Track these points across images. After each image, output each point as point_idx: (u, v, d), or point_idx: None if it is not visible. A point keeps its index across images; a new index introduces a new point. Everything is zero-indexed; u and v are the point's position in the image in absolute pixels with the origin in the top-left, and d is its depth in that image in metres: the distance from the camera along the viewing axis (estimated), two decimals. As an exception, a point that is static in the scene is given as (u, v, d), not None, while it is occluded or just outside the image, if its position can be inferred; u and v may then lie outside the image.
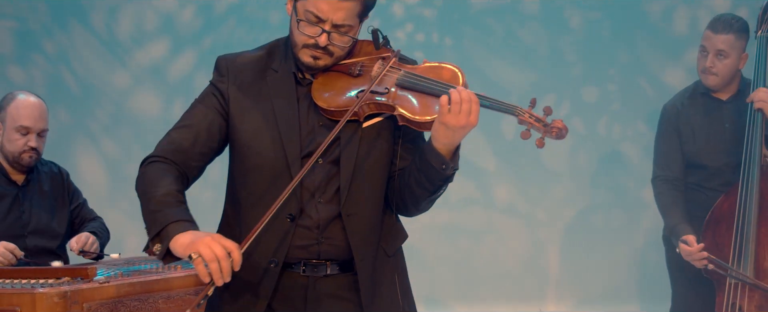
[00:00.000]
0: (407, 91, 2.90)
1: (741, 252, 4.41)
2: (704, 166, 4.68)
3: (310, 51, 2.89)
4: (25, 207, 4.53)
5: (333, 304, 2.99)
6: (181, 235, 2.77)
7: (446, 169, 2.84)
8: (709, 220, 4.54)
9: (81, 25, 6.78)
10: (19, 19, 6.72)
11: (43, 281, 3.72)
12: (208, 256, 2.68)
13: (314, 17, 2.84)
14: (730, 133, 4.64)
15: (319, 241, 2.94)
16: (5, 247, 4.25)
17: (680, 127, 4.71)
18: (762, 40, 4.56)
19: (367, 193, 2.95)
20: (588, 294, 6.86)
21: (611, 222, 6.79)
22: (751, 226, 4.38)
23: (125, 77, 6.80)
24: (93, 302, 3.66)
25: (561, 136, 2.84)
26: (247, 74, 2.98)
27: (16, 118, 4.45)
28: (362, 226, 2.95)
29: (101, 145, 6.76)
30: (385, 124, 2.95)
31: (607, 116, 6.73)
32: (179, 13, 6.80)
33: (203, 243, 2.70)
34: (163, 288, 3.91)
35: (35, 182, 4.59)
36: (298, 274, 2.97)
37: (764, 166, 4.46)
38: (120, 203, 6.25)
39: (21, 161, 4.48)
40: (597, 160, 6.80)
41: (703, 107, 4.73)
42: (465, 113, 2.75)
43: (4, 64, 6.68)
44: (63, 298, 3.57)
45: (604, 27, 6.75)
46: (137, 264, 4.26)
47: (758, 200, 4.41)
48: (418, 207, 3.00)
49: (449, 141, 2.81)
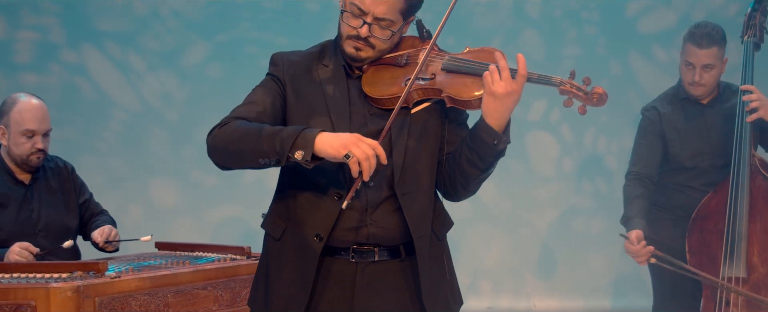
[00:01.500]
0: (452, 74, 2.99)
1: (733, 249, 4.42)
2: (689, 167, 4.69)
3: (352, 42, 3.01)
4: (33, 206, 4.55)
5: (381, 290, 3.06)
6: (320, 136, 2.86)
7: (498, 143, 2.91)
8: (696, 217, 4.57)
9: (95, 48, 6.94)
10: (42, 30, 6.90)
11: (56, 276, 3.80)
12: (362, 155, 2.80)
13: (357, 10, 2.97)
14: (712, 136, 4.66)
15: (368, 224, 3.00)
16: (21, 246, 4.28)
17: (665, 131, 4.72)
18: (748, 44, 4.58)
19: (418, 175, 3.03)
20: (570, 289, 6.99)
21: (591, 226, 6.95)
22: (742, 224, 4.42)
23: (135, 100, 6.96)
24: (105, 296, 3.74)
25: (602, 102, 2.90)
26: (299, 66, 3.09)
27: (20, 122, 4.47)
28: (417, 205, 3.03)
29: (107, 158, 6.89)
30: (433, 110, 3.05)
31: (594, 128, 6.88)
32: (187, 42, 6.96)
33: (352, 143, 2.81)
34: (172, 283, 3.98)
35: (42, 180, 4.61)
36: (346, 260, 3.03)
37: (753, 166, 4.48)
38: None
39: (29, 163, 4.50)
40: (580, 168, 6.97)
41: (685, 111, 4.73)
42: (508, 78, 2.84)
43: (19, 72, 6.83)
44: (76, 292, 3.66)
45: (600, 43, 6.90)
46: (147, 260, 4.31)
47: (748, 199, 4.44)
48: (468, 188, 3.06)
49: (500, 113, 2.88)
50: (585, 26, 6.90)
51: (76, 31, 6.93)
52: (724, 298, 4.40)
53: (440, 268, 3.12)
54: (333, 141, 2.83)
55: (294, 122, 3.01)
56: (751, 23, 4.59)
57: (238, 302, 4.23)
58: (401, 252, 3.06)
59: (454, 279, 3.22)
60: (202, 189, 7.03)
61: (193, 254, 4.51)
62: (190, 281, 4.05)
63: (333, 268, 3.04)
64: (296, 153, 2.84)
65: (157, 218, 6.81)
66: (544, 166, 6.93)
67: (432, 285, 3.08)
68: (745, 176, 4.44)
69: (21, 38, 6.94)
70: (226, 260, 4.35)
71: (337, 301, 3.05)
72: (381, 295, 3.05)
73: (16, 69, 6.77)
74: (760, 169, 4.48)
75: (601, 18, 6.86)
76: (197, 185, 7.01)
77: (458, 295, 3.23)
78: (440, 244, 3.14)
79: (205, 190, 6.99)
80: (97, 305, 3.71)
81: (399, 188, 2.99)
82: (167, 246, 4.68)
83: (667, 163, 4.75)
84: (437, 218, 3.13)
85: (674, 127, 4.70)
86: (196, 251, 4.54)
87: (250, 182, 6.73)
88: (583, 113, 2.92)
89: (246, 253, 4.43)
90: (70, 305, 3.65)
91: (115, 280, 3.79)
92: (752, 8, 4.62)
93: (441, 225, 3.15)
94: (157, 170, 7.04)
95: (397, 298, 3.07)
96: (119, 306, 3.78)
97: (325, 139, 2.84)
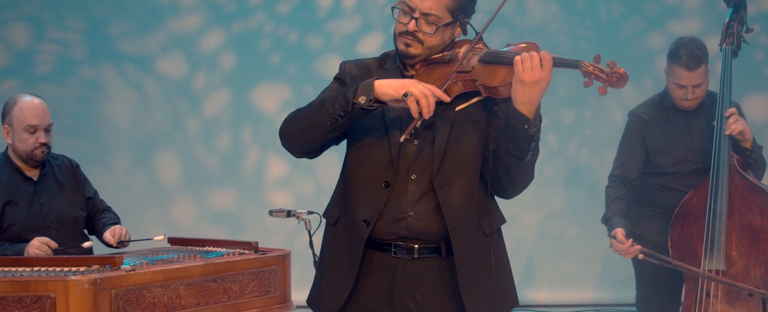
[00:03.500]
0: (488, 65, 3.07)
1: (713, 243, 4.48)
2: (672, 171, 4.73)
3: (403, 38, 3.14)
4: (43, 200, 4.62)
5: (419, 288, 3.12)
6: (380, 81, 3.04)
7: (529, 128, 2.98)
8: (678, 214, 4.62)
9: (112, 66, 7.06)
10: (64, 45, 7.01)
11: (74, 269, 3.87)
12: (419, 93, 2.95)
13: (407, 6, 3.12)
14: (694, 143, 4.70)
15: (408, 215, 3.08)
16: (40, 241, 4.39)
17: (648, 136, 4.75)
18: (726, 52, 4.64)
19: (458, 169, 3.10)
20: (557, 283, 7.12)
21: (567, 231, 7.08)
22: (722, 221, 4.48)
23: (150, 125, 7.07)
24: (120, 288, 3.83)
25: (622, 82, 2.95)
26: (362, 69, 3.24)
27: (22, 119, 4.56)
28: (454, 198, 3.09)
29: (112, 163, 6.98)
30: (478, 109, 3.13)
31: (578, 139, 6.99)
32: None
33: (411, 84, 2.99)
34: (184, 276, 4.06)
35: (50, 175, 4.69)
36: (388, 256, 3.12)
37: (732, 165, 4.54)
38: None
39: (34, 157, 4.59)
40: (564, 177, 7.11)
41: (669, 119, 4.76)
42: (537, 67, 2.93)
43: (38, 83, 6.93)
44: (93, 284, 3.74)
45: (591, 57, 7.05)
46: (160, 254, 4.36)
47: (727, 197, 4.50)
48: (512, 180, 3.12)
49: (528, 99, 2.96)
50: (580, 42, 6.97)
51: (96, 50, 7.04)
52: (705, 290, 4.47)
53: (485, 264, 3.15)
54: (391, 83, 3.02)
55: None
56: (729, 32, 4.65)
57: (246, 294, 4.29)
58: (442, 250, 3.12)
59: (505, 277, 3.24)
60: (216, 208, 7.15)
61: (203, 249, 4.57)
62: (201, 274, 4.13)
63: (376, 260, 3.14)
64: (360, 98, 3.01)
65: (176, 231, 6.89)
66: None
67: (472, 280, 3.11)
68: (724, 175, 4.50)
69: (43, 50, 7.05)
70: (235, 254, 4.40)
71: (377, 295, 3.14)
72: (419, 292, 3.12)
73: (35, 79, 6.87)
74: (738, 168, 4.54)
75: (596, 36, 6.92)
76: (212, 203, 7.13)
77: (510, 295, 3.26)
78: (488, 239, 3.17)
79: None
80: (113, 297, 3.80)
81: (436, 181, 3.08)
82: (179, 241, 4.74)
83: (651, 168, 4.80)
84: (484, 214, 3.18)
85: (657, 136, 4.74)
86: (206, 246, 4.61)
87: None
88: (604, 93, 2.96)
89: (254, 248, 4.50)
90: (87, 297, 3.72)
91: (130, 273, 3.88)
92: (730, 18, 4.68)
93: (488, 221, 3.19)
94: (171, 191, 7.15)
95: (435, 296, 3.13)
96: (134, 298, 3.86)
97: (384, 82, 3.03)
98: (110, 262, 3.92)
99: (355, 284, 3.12)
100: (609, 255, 6.68)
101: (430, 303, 3.11)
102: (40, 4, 7.05)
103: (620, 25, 6.97)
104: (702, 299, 4.48)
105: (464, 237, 3.09)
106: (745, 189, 4.54)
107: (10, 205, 4.56)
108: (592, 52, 3.01)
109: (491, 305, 3.16)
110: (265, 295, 4.41)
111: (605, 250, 6.80)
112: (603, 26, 7.00)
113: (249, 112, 7.03)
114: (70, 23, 7.06)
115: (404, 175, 3.09)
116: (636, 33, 7.00)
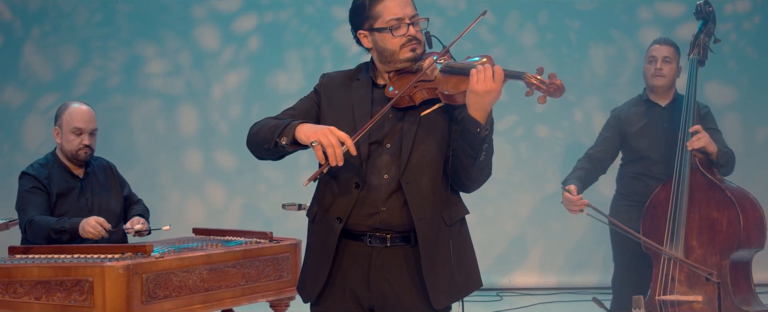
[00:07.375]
0: (449, 75, 3.23)
1: (674, 233, 4.69)
2: (648, 157, 5.00)
3: (409, 46, 3.28)
4: (88, 195, 4.88)
5: (392, 272, 3.27)
6: (303, 125, 3.18)
7: (481, 131, 3.12)
8: (649, 206, 4.86)
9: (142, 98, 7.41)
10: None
11: (110, 256, 4.10)
12: (326, 143, 3.09)
13: (395, 21, 3.26)
14: (668, 132, 4.93)
15: (381, 211, 3.24)
16: (96, 220, 4.59)
17: (625, 124, 5.03)
18: (693, 61, 4.86)
19: (423, 168, 3.24)
20: (535, 267, 7.40)
21: (551, 220, 7.35)
22: (683, 212, 4.70)
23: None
24: (150, 273, 4.04)
25: (559, 93, 3.06)
26: (337, 80, 3.41)
27: (70, 121, 4.82)
28: (419, 192, 3.23)
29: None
30: (441, 114, 3.27)
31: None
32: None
33: (322, 133, 3.11)
34: (207, 262, 4.28)
35: (93, 174, 4.94)
36: (364, 245, 3.28)
37: (693, 164, 4.75)
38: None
39: (78, 157, 4.84)
40: (554, 166, 7.39)
41: (647, 110, 5.06)
42: (489, 79, 3.06)
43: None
44: (126, 270, 3.96)
45: (585, 67, 7.32)
46: (186, 243, 4.56)
47: (688, 191, 4.72)
48: (470, 176, 3.25)
49: (480, 106, 3.11)
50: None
51: (130, 83, 7.40)
52: (671, 275, 4.66)
53: (445, 252, 3.30)
54: (307, 130, 3.16)
55: (325, 123, 3.26)
56: (697, 42, 4.89)
57: (262, 278, 4.53)
58: (411, 239, 3.27)
59: (465, 262, 3.36)
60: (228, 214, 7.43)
61: (224, 238, 4.78)
62: (222, 261, 4.33)
63: (353, 249, 3.30)
64: (282, 139, 3.18)
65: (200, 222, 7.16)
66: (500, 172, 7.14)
67: (434, 265, 3.26)
68: (686, 172, 4.72)
69: (84, 73, 7.45)
70: (252, 243, 4.62)
71: (356, 279, 3.30)
72: (392, 275, 3.29)
73: (71, 99, 6.96)
74: (699, 166, 4.75)
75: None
76: (224, 210, 7.39)
77: (470, 277, 3.38)
78: (449, 229, 3.31)
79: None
80: (144, 281, 4.01)
81: (404, 178, 3.23)
82: (203, 231, 4.99)
83: (628, 155, 5.09)
84: (448, 207, 3.32)
85: (634, 122, 5.03)
86: (226, 236, 4.82)
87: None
88: (543, 102, 3.08)
89: (268, 237, 4.72)
90: (121, 281, 3.93)
91: (159, 259, 4.09)
92: (699, 30, 4.91)
93: (449, 212, 3.32)
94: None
95: (404, 280, 3.29)
96: (162, 281, 4.08)
97: (303, 128, 3.18)
98: (142, 250, 4.15)
99: (331, 270, 3.29)
100: (586, 241, 7.03)
101: (400, 285, 3.28)
102: (92, 32, 7.41)
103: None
104: (667, 282, 4.66)
105: (428, 227, 3.24)
106: (704, 185, 4.76)
107: (61, 197, 4.83)
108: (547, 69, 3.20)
109: (451, 287, 3.31)
110: (279, 279, 4.65)
111: (575, 238, 7.19)
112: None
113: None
114: (112, 54, 7.42)
115: (377, 175, 3.25)
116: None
